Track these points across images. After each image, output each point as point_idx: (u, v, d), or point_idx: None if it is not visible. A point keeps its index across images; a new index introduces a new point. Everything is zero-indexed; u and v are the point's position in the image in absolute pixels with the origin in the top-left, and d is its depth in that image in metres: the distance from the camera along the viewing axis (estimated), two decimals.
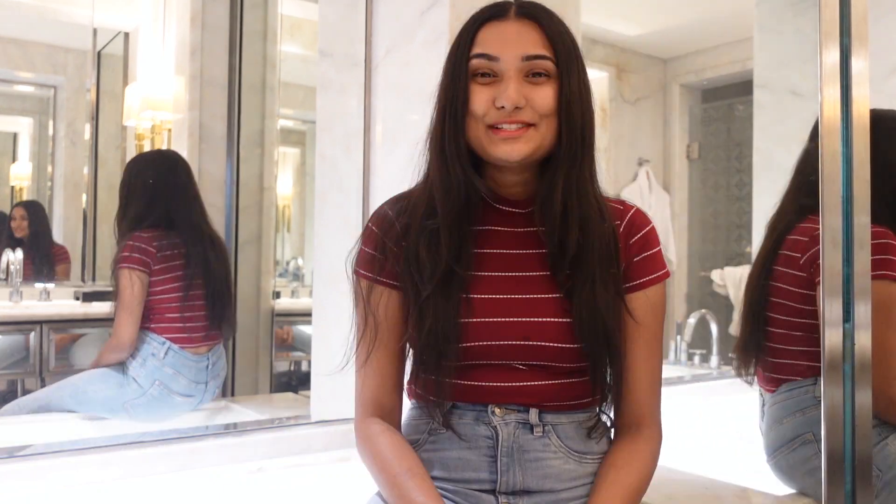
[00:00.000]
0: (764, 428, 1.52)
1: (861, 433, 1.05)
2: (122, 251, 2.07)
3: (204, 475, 1.47)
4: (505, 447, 1.00)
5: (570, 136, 0.97)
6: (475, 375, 1.01)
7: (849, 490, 1.05)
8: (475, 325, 0.99)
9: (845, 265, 1.06)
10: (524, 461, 1.00)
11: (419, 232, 1.00)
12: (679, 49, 3.42)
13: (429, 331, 0.97)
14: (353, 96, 1.72)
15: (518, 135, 0.95)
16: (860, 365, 1.05)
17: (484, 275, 1.02)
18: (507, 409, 1.00)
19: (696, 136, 3.48)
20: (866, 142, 1.06)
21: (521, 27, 0.97)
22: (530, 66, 0.96)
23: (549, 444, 1.01)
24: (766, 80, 2.49)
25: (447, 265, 0.98)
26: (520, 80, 0.95)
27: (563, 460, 1.01)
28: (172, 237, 2.13)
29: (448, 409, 1.02)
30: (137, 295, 2.05)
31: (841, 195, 1.06)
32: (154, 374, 2.04)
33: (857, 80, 1.05)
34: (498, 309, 1.00)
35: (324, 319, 1.75)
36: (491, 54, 0.96)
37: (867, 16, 1.05)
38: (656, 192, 3.39)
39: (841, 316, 1.06)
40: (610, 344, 0.99)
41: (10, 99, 2.73)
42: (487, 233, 1.04)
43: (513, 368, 1.00)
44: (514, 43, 0.96)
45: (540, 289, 1.01)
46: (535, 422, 1.00)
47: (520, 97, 0.94)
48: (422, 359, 1.01)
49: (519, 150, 0.96)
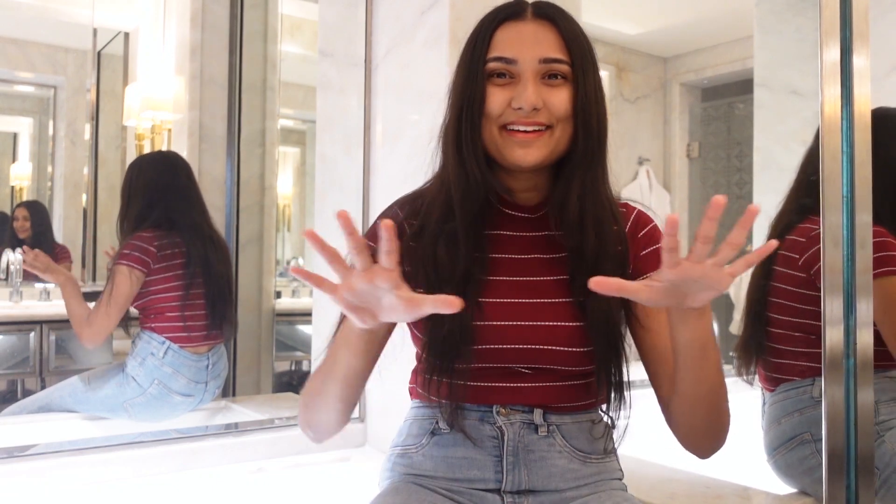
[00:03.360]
0: (764, 427, 1.52)
1: (863, 430, 1.05)
2: (123, 248, 2.09)
3: (204, 475, 1.47)
4: (510, 446, 1.00)
5: (587, 139, 0.97)
6: (482, 377, 1.01)
7: (851, 487, 1.05)
8: (488, 329, 0.99)
9: (846, 263, 1.06)
10: (529, 461, 1.00)
11: (437, 234, 0.99)
12: (679, 48, 3.42)
13: (447, 333, 0.97)
14: (353, 96, 1.72)
15: (533, 138, 0.95)
16: (861, 362, 1.05)
17: (497, 279, 1.02)
18: (511, 410, 1.01)
19: (697, 135, 3.48)
20: (867, 140, 1.06)
21: (539, 28, 0.97)
22: (547, 69, 0.96)
23: (553, 443, 1.01)
24: (767, 78, 2.48)
25: (465, 267, 0.98)
26: (537, 82, 0.96)
27: (567, 460, 1.01)
28: (173, 237, 2.15)
29: (453, 408, 1.02)
30: (130, 293, 2.06)
31: (842, 194, 1.06)
32: (153, 374, 2.04)
33: (858, 78, 1.05)
34: (510, 313, 1.00)
35: (324, 319, 1.75)
36: (508, 57, 0.96)
37: (868, 13, 1.05)
38: (656, 191, 3.39)
39: (842, 314, 1.06)
40: (619, 346, 1.00)
41: (10, 99, 2.73)
42: (499, 237, 1.04)
43: (520, 371, 1.01)
44: (532, 45, 0.96)
45: (550, 293, 1.01)
46: (540, 422, 1.01)
47: (538, 99, 0.95)
48: (432, 360, 1.00)
49: (533, 156, 0.96)
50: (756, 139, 2.58)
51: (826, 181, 1.06)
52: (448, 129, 1.01)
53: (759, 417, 1.56)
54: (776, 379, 1.49)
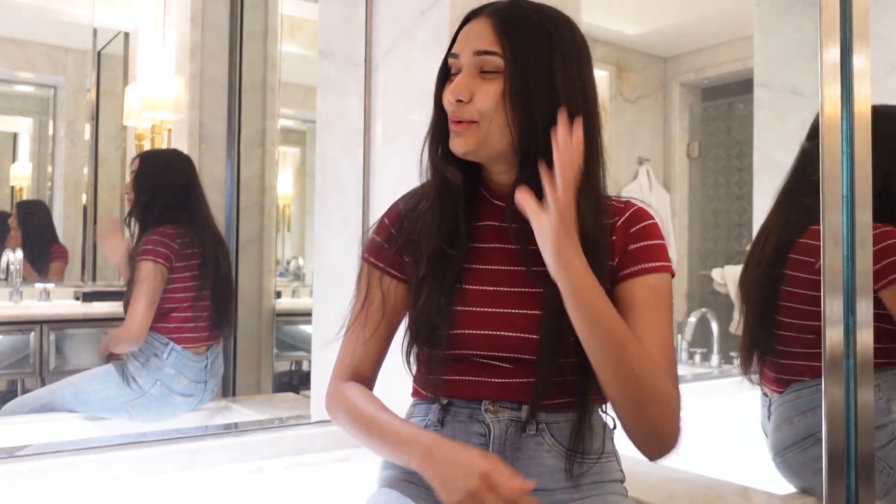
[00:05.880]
0: (770, 427, 1.51)
1: (863, 430, 1.05)
2: (145, 243, 2.05)
3: (204, 475, 1.47)
4: (496, 444, 0.99)
5: (521, 132, 0.95)
6: (466, 370, 1.01)
7: (851, 488, 1.05)
8: (465, 314, 1.00)
9: (846, 263, 1.06)
10: (517, 459, 0.99)
11: (416, 217, 1.04)
12: (679, 48, 3.42)
13: (421, 307, 1.00)
14: (353, 96, 1.72)
15: (462, 129, 0.97)
16: (862, 362, 1.05)
17: (479, 268, 1.02)
18: (501, 407, 1.00)
19: (697, 135, 3.48)
20: (867, 140, 1.06)
21: (482, 23, 0.98)
22: (480, 62, 0.97)
23: (542, 442, 1.00)
24: (767, 78, 2.48)
25: (436, 244, 1.00)
26: (471, 75, 0.97)
27: (557, 459, 1.00)
28: (192, 235, 2.13)
29: (445, 405, 1.02)
30: (158, 288, 2.03)
31: (842, 193, 1.06)
32: (155, 375, 2.04)
33: (858, 78, 1.05)
34: (487, 301, 1.01)
35: (324, 319, 1.75)
36: (454, 52, 1.00)
37: (868, 13, 1.05)
38: (656, 191, 3.39)
39: (842, 314, 1.06)
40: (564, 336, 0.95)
41: (10, 99, 2.73)
42: (484, 228, 1.05)
43: (501, 364, 1.00)
44: (471, 39, 0.98)
45: (524, 283, 1.00)
46: (527, 419, 0.99)
47: (463, 90, 0.96)
48: (414, 342, 1.03)
49: (462, 145, 0.98)
50: (756, 139, 2.58)
51: (826, 181, 1.06)
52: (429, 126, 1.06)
53: (764, 419, 1.56)
54: (786, 380, 1.48)
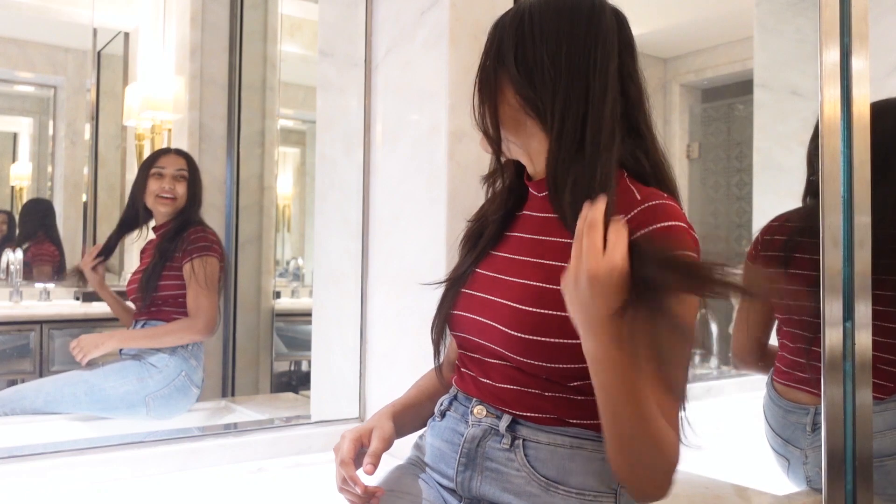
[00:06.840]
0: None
1: (861, 431, 1.05)
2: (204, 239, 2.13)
3: (204, 475, 1.47)
4: (466, 448, 0.95)
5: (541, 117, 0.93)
6: (465, 363, 1.01)
7: (849, 489, 1.05)
8: (464, 296, 1.01)
9: (845, 264, 1.06)
10: (485, 468, 0.94)
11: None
12: (679, 48, 3.42)
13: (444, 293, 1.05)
14: (353, 96, 1.72)
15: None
16: (860, 364, 1.05)
17: (496, 254, 1.01)
18: (488, 412, 0.95)
19: (697, 136, 3.48)
20: (866, 141, 1.06)
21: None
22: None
23: (513, 459, 0.92)
24: (767, 79, 2.49)
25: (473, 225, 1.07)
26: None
27: (525, 481, 0.91)
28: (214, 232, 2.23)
29: (454, 396, 1.01)
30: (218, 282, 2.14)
31: (841, 195, 1.06)
32: (181, 366, 2.07)
33: (857, 80, 1.05)
34: (488, 286, 0.98)
35: (324, 319, 1.75)
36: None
37: (867, 14, 1.05)
38: None
39: (841, 315, 1.06)
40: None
41: (10, 99, 2.74)
42: (523, 217, 1.02)
43: (491, 359, 0.96)
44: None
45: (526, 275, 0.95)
46: (503, 431, 0.93)
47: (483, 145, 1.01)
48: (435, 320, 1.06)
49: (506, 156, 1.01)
50: (756, 140, 2.59)
51: (826, 182, 1.06)
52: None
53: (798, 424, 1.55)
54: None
